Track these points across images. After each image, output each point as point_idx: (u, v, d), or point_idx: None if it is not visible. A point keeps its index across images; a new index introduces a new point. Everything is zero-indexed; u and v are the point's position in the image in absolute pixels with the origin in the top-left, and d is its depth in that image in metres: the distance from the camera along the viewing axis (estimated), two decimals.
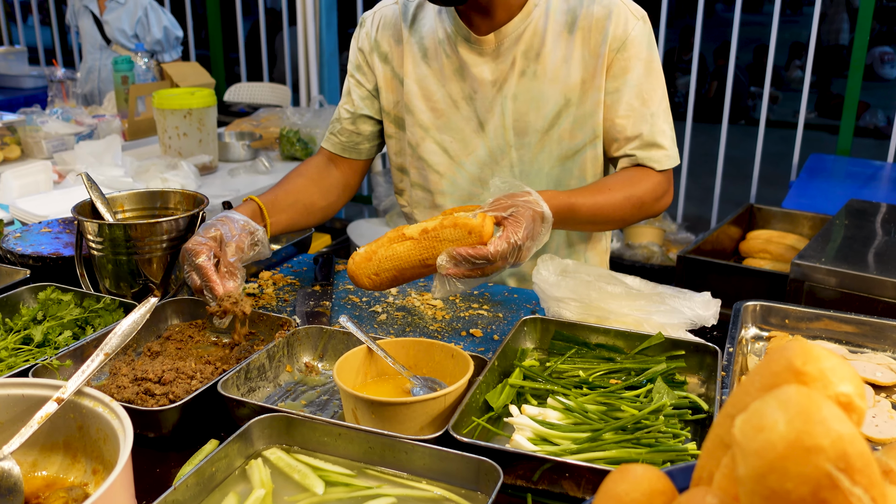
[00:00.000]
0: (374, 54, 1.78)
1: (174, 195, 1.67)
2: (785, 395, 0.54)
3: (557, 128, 1.68)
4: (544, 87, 1.66)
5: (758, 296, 2.32)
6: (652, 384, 1.23)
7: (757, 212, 3.08)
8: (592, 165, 1.73)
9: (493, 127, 1.70)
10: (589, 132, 1.69)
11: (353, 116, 1.84)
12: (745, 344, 1.48)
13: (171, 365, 1.29)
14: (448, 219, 1.35)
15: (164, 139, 3.30)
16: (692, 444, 1.06)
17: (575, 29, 1.64)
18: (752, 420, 0.54)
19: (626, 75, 1.64)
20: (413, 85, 1.74)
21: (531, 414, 1.16)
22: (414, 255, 1.37)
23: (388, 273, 1.39)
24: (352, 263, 1.41)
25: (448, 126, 1.73)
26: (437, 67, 1.71)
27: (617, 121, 1.66)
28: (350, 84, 1.84)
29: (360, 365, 1.28)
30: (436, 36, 1.71)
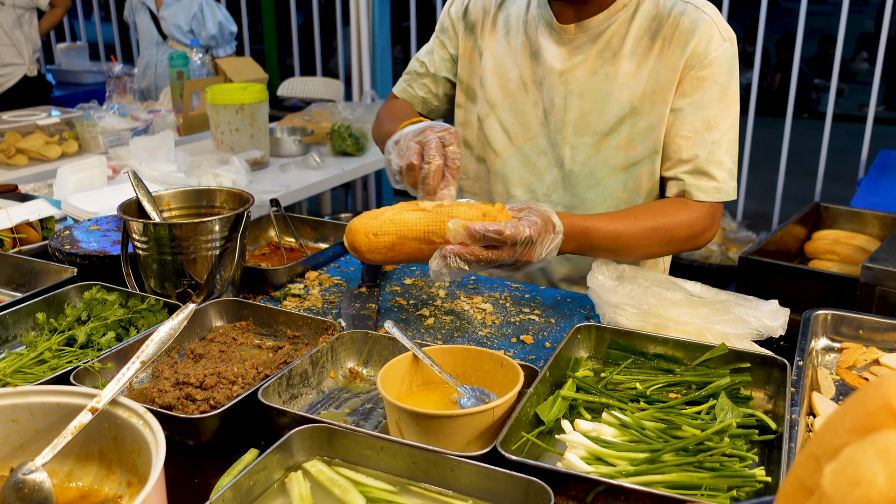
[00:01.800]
0: (462, 22, 1.79)
1: (220, 193, 1.64)
2: (885, 443, 0.47)
3: (618, 135, 1.61)
4: (613, 89, 1.60)
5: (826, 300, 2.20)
6: (714, 399, 1.16)
7: (824, 211, 2.94)
8: (649, 181, 1.64)
9: (555, 119, 1.66)
10: (650, 146, 1.61)
11: (430, 74, 1.86)
12: (815, 356, 1.39)
13: (213, 369, 1.25)
14: (471, 203, 1.34)
15: (216, 134, 3.30)
16: (760, 470, 0.98)
17: (657, 37, 1.57)
18: (846, 471, 0.47)
19: (696, 95, 1.55)
20: (490, 60, 1.74)
21: (584, 430, 1.09)
22: (421, 225, 1.32)
23: (388, 237, 1.33)
24: (355, 219, 1.37)
25: (513, 107, 1.72)
26: (515, 46, 1.71)
27: (676, 140, 1.58)
28: (434, 44, 1.86)
29: (406, 372, 1.23)
30: (523, 15, 1.70)
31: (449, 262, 1.29)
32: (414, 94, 1.90)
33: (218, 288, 1.52)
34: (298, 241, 1.91)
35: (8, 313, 1.40)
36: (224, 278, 1.52)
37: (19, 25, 4.96)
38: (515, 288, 1.69)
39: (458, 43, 1.81)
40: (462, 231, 1.28)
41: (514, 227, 1.29)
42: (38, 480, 0.84)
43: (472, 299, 1.61)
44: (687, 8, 1.56)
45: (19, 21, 4.95)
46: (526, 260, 1.33)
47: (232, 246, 1.52)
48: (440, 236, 1.31)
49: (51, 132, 3.39)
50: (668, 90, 1.56)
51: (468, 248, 1.29)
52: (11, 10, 4.90)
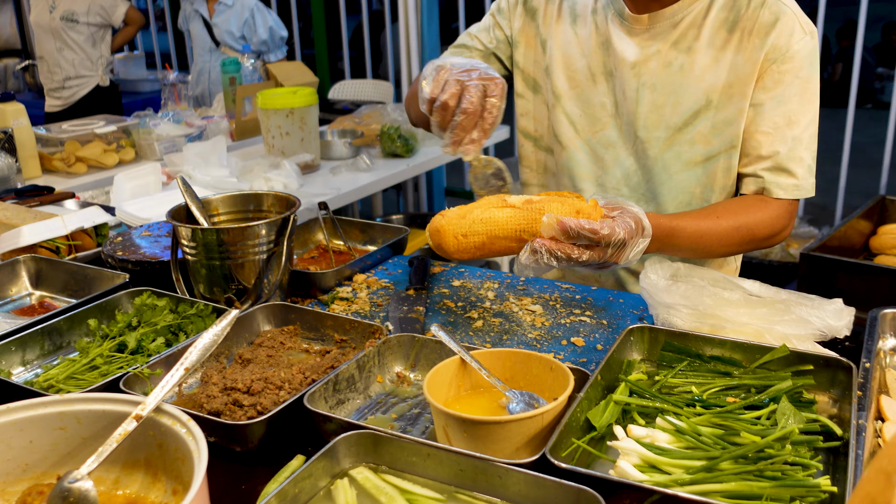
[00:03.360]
0: (521, 6, 1.73)
1: (267, 197, 1.64)
2: None
3: (692, 129, 1.56)
4: (688, 82, 1.55)
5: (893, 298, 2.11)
6: (775, 404, 1.11)
7: (890, 204, 2.82)
8: (724, 176, 1.59)
9: (627, 111, 1.61)
10: (726, 140, 1.56)
11: (487, 52, 1.78)
12: (882, 357, 1.32)
13: (260, 374, 1.25)
14: (561, 198, 1.29)
15: (267, 139, 3.33)
16: (825, 479, 0.93)
17: (735, 29, 1.52)
18: None
19: (777, 89, 1.51)
20: (556, 50, 1.68)
21: (638, 436, 1.05)
22: (512, 224, 1.27)
23: (477, 237, 1.28)
24: (440, 219, 1.30)
25: (581, 98, 1.66)
26: (583, 36, 1.65)
27: (756, 135, 1.54)
28: (490, 22, 1.78)
29: (453, 377, 1.20)
30: (592, 4, 1.65)
31: (539, 258, 1.25)
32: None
33: (266, 292, 1.52)
34: (347, 244, 1.91)
35: (62, 320, 1.42)
36: (271, 282, 1.52)
37: (92, 42, 5.13)
38: (566, 289, 1.65)
39: (516, 26, 1.74)
40: (556, 227, 1.23)
41: (609, 228, 1.24)
42: (83, 489, 0.84)
43: (522, 301, 1.58)
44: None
45: (93, 38, 5.12)
46: (613, 261, 1.29)
47: (279, 250, 1.51)
48: (532, 234, 1.26)
49: (108, 140, 3.47)
50: (747, 83, 1.52)
51: (560, 245, 1.24)
52: (86, 27, 5.06)
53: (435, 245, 1.32)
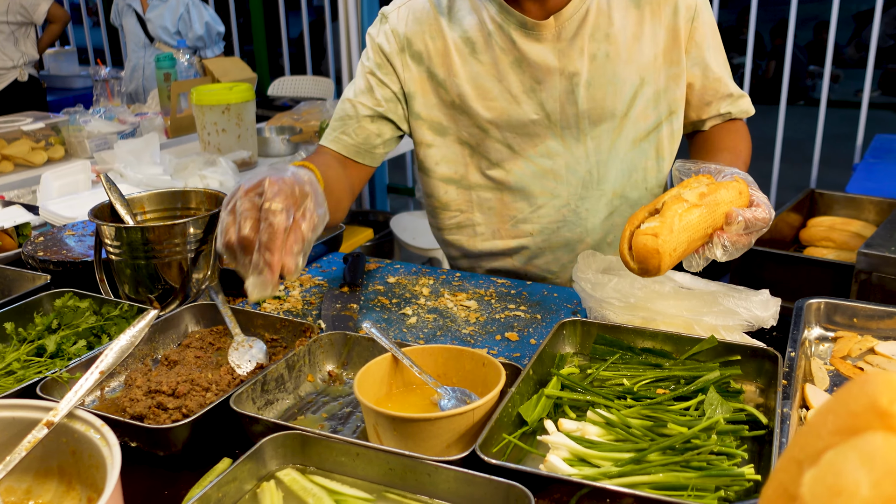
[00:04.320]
0: (406, 54, 1.61)
1: (196, 194, 1.60)
2: (869, 447, 0.43)
3: (634, 109, 1.59)
4: (619, 68, 1.56)
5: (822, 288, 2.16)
6: (703, 394, 1.12)
7: (818, 197, 2.90)
8: (669, 143, 1.65)
9: (565, 117, 1.58)
10: (664, 109, 1.61)
11: (375, 115, 1.64)
12: (808, 346, 1.35)
13: (186, 376, 1.21)
14: (720, 183, 1.26)
15: (203, 135, 3.26)
16: (749, 468, 0.94)
17: (641, 4, 1.55)
18: (827, 478, 0.43)
19: (706, 41, 1.60)
20: (466, 85, 1.59)
21: (568, 430, 1.05)
22: (703, 225, 1.21)
23: (681, 247, 1.18)
24: (654, 240, 1.14)
25: (510, 124, 1.59)
26: (489, 62, 1.57)
27: (710, 85, 1.63)
28: (371, 82, 1.63)
29: (385, 374, 1.19)
30: (482, 28, 1.56)
31: (728, 251, 1.24)
32: (351, 141, 1.65)
33: (194, 292, 1.48)
34: None
35: None
36: (200, 282, 1.48)
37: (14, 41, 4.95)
38: (501, 284, 1.65)
39: (406, 77, 1.61)
40: (743, 224, 1.22)
41: (770, 211, 1.26)
42: None
43: (457, 297, 1.57)
44: None
45: (14, 36, 4.94)
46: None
47: (208, 248, 1.47)
48: (713, 227, 1.23)
49: (37, 138, 3.35)
50: (674, 49, 1.58)
51: (739, 237, 1.23)
52: (6, 26, 4.89)
53: (644, 268, 1.17)
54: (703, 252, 1.23)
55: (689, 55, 1.60)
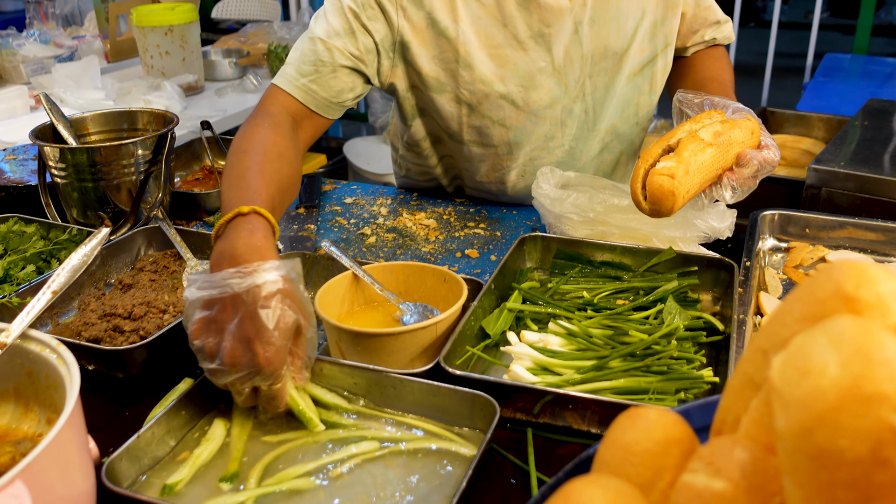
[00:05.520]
0: None
1: (143, 115, 1.54)
2: (836, 329, 0.44)
3: (634, 45, 1.51)
4: (622, 2, 1.46)
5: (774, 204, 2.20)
6: (662, 304, 1.13)
7: (770, 115, 2.93)
8: (662, 75, 1.59)
9: (570, 61, 1.46)
10: (661, 41, 1.54)
11: (353, 66, 1.40)
12: (762, 256, 1.37)
13: (142, 298, 1.19)
14: (733, 121, 1.23)
15: (145, 59, 3.14)
16: (708, 371, 0.97)
17: None
18: (796, 361, 0.44)
19: None
20: (468, 32, 1.40)
21: (530, 341, 1.06)
22: (716, 164, 1.18)
23: (694, 188, 1.15)
24: (670, 181, 1.10)
25: (515, 73, 1.45)
26: (492, 3, 1.40)
27: (700, 13, 1.61)
28: (353, 25, 1.38)
29: (346, 292, 1.18)
30: None
31: (736, 193, 1.23)
32: (323, 94, 1.39)
33: (145, 214, 1.44)
34: None
35: None
36: (151, 204, 1.44)
37: None
38: (460, 202, 1.64)
39: (396, 24, 1.40)
40: (756, 166, 1.21)
41: (777, 152, 1.25)
42: None
43: (416, 216, 1.56)
44: None
45: None
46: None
47: (157, 169, 1.43)
48: (723, 168, 1.21)
49: None
50: None
51: (746, 179, 1.23)
52: None
53: (657, 209, 1.13)
54: (711, 192, 1.22)
55: None
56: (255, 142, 1.24)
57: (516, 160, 1.56)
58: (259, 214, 1.05)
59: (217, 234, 1.04)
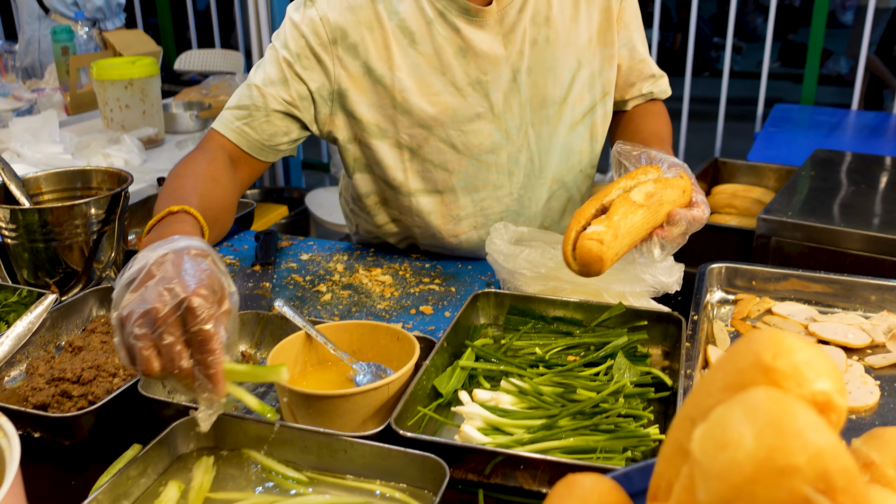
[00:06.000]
0: (339, 47, 1.43)
1: (97, 174, 1.54)
2: (752, 401, 0.45)
3: (572, 94, 1.56)
4: (558, 52, 1.52)
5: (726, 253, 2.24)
6: (612, 360, 1.15)
7: (722, 165, 3.00)
8: (602, 124, 1.65)
9: (509, 108, 1.51)
10: (598, 91, 1.60)
11: (286, 112, 1.46)
12: (710, 309, 1.40)
13: (92, 362, 1.18)
14: (665, 180, 1.25)
15: (105, 112, 3.14)
16: (654, 429, 0.98)
17: None
18: (714, 433, 0.45)
19: (633, 21, 1.63)
20: (407, 79, 1.45)
21: (482, 399, 1.07)
22: (645, 225, 1.20)
23: (623, 250, 1.18)
24: (598, 246, 1.13)
25: (453, 118, 1.49)
26: (430, 53, 1.45)
27: (636, 66, 1.66)
28: (286, 74, 1.43)
29: (299, 352, 1.18)
30: (422, 15, 1.44)
31: (665, 251, 1.25)
32: (255, 136, 1.45)
33: (98, 274, 1.43)
34: None
35: None
36: (104, 264, 1.43)
37: None
38: (416, 258, 1.65)
39: (333, 74, 1.45)
40: (684, 226, 1.24)
41: (707, 209, 1.28)
42: None
43: (371, 272, 1.57)
44: None
45: None
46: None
47: (111, 229, 1.43)
48: (655, 226, 1.23)
49: None
50: (608, 31, 1.58)
51: (676, 237, 1.25)
52: None
53: (586, 271, 1.16)
54: (641, 249, 1.24)
55: (618, 36, 1.60)
56: (189, 168, 1.33)
57: (465, 208, 1.59)
58: (188, 213, 1.10)
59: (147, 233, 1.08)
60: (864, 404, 1.13)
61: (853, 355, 1.27)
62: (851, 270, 1.92)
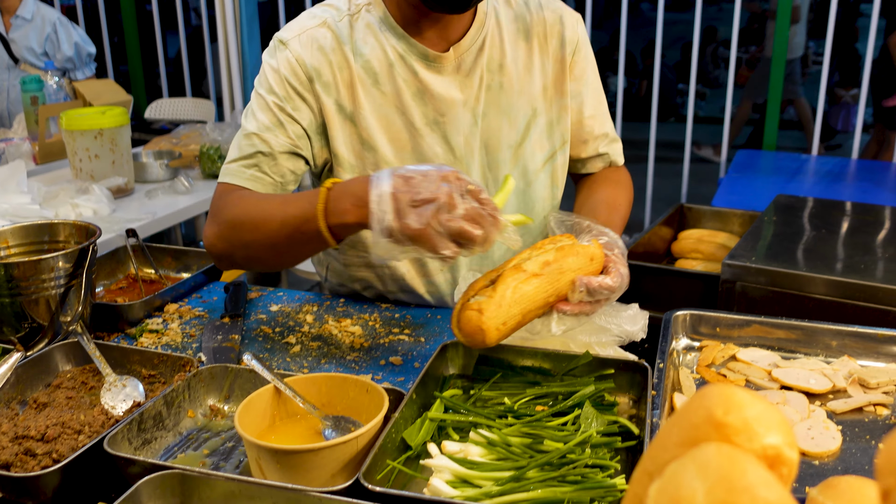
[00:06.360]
0: (317, 85, 1.49)
1: (64, 227, 1.54)
2: (704, 457, 0.47)
3: (529, 140, 1.61)
4: (512, 98, 1.58)
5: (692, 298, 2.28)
6: (580, 409, 1.16)
7: (687, 211, 3.06)
8: (562, 172, 1.69)
9: (464, 149, 1.56)
10: (558, 139, 1.65)
11: (291, 152, 1.50)
12: (676, 356, 1.42)
13: (56, 419, 1.16)
14: (567, 247, 1.25)
15: (74, 162, 3.13)
16: (621, 479, 0.99)
17: (531, 36, 1.60)
18: (668, 489, 0.46)
19: (585, 76, 1.66)
20: (370, 117, 1.51)
21: (451, 451, 1.07)
22: (541, 294, 1.20)
23: (513, 320, 1.18)
24: (478, 316, 1.15)
25: (413, 157, 1.55)
26: (392, 93, 1.51)
27: (586, 121, 1.68)
28: (280, 117, 1.49)
29: (268, 406, 1.17)
30: (384, 57, 1.50)
31: (564, 322, 1.26)
32: (270, 180, 1.50)
33: (64, 329, 1.42)
34: (158, 273, 1.82)
35: None
36: (71, 318, 1.42)
37: None
38: (386, 308, 1.66)
39: (316, 109, 1.51)
40: (585, 293, 1.23)
41: (620, 279, 1.27)
42: None
43: (341, 323, 1.57)
44: (539, 0, 1.63)
45: None
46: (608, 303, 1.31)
47: (78, 283, 1.42)
48: (556, 296, 1.23)
49: None
50: (562, 81, 1.62)
51: (579, 307, 1.25)
52: None
53: (472, 342, 1.18)
54: (542, 321, 1.26)
55: (571, 88, 1.64)
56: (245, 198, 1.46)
57: None
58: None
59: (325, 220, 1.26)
60: (826, 450, 1.15)
61: (815, 401, 1.29)
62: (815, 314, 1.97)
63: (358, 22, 1.52)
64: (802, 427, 1.19)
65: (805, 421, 1.21)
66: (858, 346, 1.41)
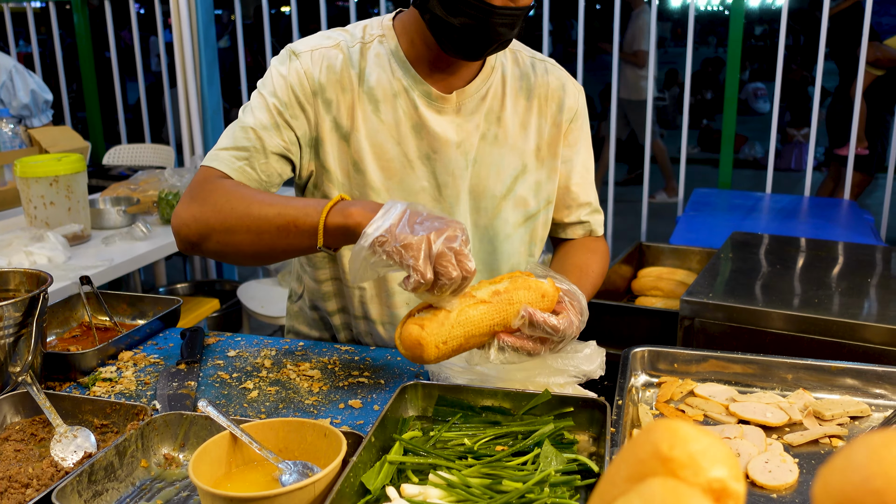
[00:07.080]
0: (318, 99, 1.53)
1: (14, 275, 1.51)
2: (649, 493, 0.47)
3: (514, 194, 1.64)
4: (504, 151, 1.61)
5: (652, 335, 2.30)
6: (539, 448, 1.16)
7: (646, 249, 3.10)
8: (543, 229, 1.73)
9: (451, 190, 1.59)
10: (543, 198, 1.68)
11: (282, 155, 1.54)
12: (635, 393, 1.43)
13: (3, 472, 1.13)
14: (521, 280, 1.28)
15: (28, 209, 3.08)
16: None
17: (532, 96, 1.64)
18: None
19: (577, 145, 1.70)
20: (364, 140, 1.55)
21: (410, 495, 1.06)
22: (486, 320, 1.24)
23: (455, 341, 1.23)
24: (419, 330, 1.20)
25: (401, 187, 1.58)
26: (390, 122, 1.55)
27: (572, 188, 1.72)
28: (277, 121, 1.52)
29: (224, 453, 1.15)
30: (389, 87, 1.55)
31: (506, 355, 1.28)
32: (256, 176, 1.52)
33: (14, 379, 1.38)
34: (113, 320, 1.79)
35: None
36: (20, 368, 1.39)
37: None
38: (345, 351, 1.64)
39: (313, 122, 1.54)
40: (528, 322, 1.25)
41: (567, 323, 1.29)
42: None
43: (300, 367, 1.56)
44: (546, 66, 1.68)
45: None
46: (555, 351, 1.32)
47: (28, 332, 1.39)
48: (503, 325, 1.26)
49: None
50: (555, 144, 1.66)
51: (521, 341, 1.27)
52: None
53: (414, 356, 1.24)
54: (481, 351, 1.29)
55: (563, 153, 1.68)
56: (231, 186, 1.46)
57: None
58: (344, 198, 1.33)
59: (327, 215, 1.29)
60: (784, 482, 1.16)
61: (772, 434, 1.30)
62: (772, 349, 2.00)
63: (369, 51, 1.57)
64: (759, 460, 1.20)
65: (762, 454, 1.22)
66: (813, 378, 1.43)
